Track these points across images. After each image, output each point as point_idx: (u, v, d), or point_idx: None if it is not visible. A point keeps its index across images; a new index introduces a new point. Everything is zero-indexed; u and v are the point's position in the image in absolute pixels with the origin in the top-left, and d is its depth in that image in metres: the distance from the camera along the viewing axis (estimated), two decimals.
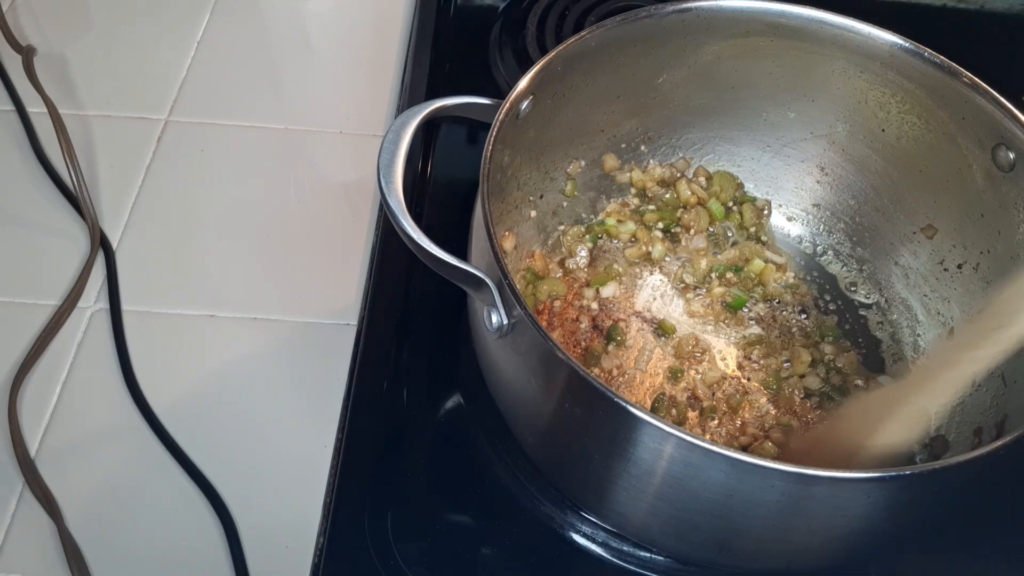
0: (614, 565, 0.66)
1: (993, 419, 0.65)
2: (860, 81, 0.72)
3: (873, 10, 0.71)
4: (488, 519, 0.68)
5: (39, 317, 0.76)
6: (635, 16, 0.69)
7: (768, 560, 0.61)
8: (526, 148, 0.71)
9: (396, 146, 0.62)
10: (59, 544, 0.65)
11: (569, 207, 0.79)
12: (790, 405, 0.72)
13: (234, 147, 0.89)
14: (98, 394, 0.73)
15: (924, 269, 0.75)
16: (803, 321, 0.77)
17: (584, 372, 0.52)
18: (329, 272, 0.81)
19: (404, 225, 0.59)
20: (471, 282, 0.58)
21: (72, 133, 0.84)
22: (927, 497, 0.54)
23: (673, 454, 0.52)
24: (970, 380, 0.64)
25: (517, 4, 1.00)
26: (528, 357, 0.58)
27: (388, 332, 0.76)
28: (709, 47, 0.73)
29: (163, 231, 0.82)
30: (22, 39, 0.93)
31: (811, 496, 0.52)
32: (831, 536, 0.56)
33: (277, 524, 0.67)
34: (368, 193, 0.86)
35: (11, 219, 0.82)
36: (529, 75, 0.65)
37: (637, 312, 0.76)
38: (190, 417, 0.72)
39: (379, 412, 0.72)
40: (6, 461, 0.69)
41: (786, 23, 0.71)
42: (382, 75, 0.96)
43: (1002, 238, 0.68)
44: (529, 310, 0.54)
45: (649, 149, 0.80)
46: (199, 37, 0.97)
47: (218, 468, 0.69)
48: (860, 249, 0.80)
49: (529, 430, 0.65)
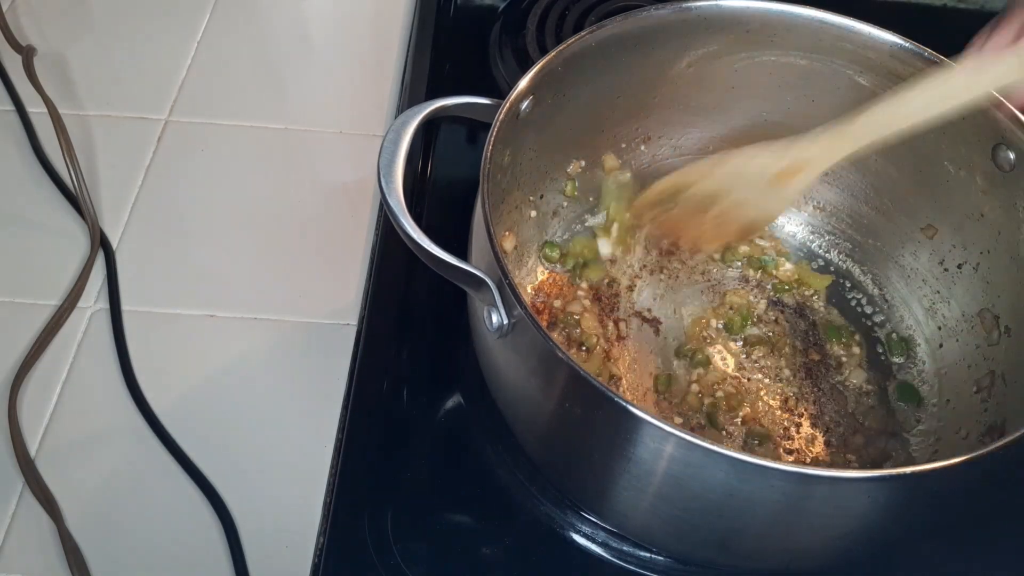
0: (614, 565, 0.67)
1: (993, 420, 0.65)
2: (861, 81, 0.72)
3: (873, 10, 0.71)
4: (488, 519, 0.68)
5: (39, 317, 0.76)
6: (636, 16, 0.69)
7: (768, 560, 0.61)
8: (526, 148, 0.71)
9: (396, 146, 0.62)
10: (59, 544, 0.65)
11: (569, 207, 0.79)
12: (790, 405, 0.72)
13: (234, 147, 0.89)
14: (98, 394, 0.73)
15: (924, 269, 0.75)
16: (803, 321, 0.77)
17: (584, 372, 0.52)
18: (329, 272, 0.81)
19: (404, 225, 0.59)
20: (471, 282, 0.58)
21: (72, 133, 0.84)
22: (928, 497, 0.54)
23: (673, 454, 0.52)
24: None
25: (517, 4, 1.00)
26: (528, 357, 0.58)
27: (388, 332, 0.76)
28: (710, 47, 0.73)
29: (163, 231, 0.82)
30: (22, 39, 0.93)
31: (811, 496, 0.52)
32: (831, 536, 0.56)
33: (277, 524, 0.67)
34: (368, 193, 0.86)
35: (11, 219, 0.82)
36: (529, 75, 0.65)
37: (637, 312, 0.76)
38: (190, 417, 0.72)
39: (379, 412, 0.72)
40: (6, 461, 0.69)
41: (786, 23, 0.70)
42: (382, 75, 0.96)
43: (1002, 238, 0.68)
44: (529, 310, 0.54)
45: (649, 149, 0.80)
46: (199, 37, 0.97)
47: (218, 468, 0.69)
48: (860, 249, 0.80)
49: (529, 430, 0.65)
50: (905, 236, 0.76)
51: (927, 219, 0.74)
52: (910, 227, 0.76)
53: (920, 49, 0.68)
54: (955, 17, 1.05)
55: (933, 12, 1.05)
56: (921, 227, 0.75)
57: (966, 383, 0.70)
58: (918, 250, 0.76)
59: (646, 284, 0.78)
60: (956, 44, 0.70)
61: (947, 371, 0.72)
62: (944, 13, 1.05)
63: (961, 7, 1.05)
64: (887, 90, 0.70)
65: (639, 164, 0.81)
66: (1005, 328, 0.68)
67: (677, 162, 0.81)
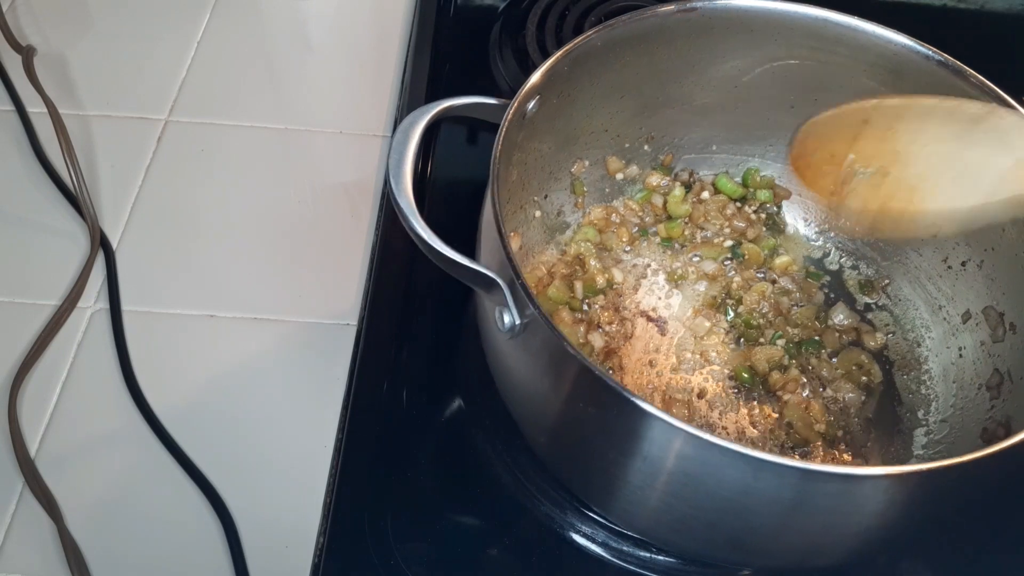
0: (614, 565, 0.67)
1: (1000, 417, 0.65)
2: (864, 80, 0.72)
3: (873, 10, 0.71)
4: (488, 519, 0.68)
5: (39, 317, 0.76)
6: (640, 16, 0.69)
7: (782, 557, 0.61)
8: (531, 148, 0.71)
9: (405, 147, 0.62)
10: (59, 544, 0.65)
11: (572, 207, 0.79)
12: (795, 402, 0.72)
13: (234, 147, 0.89)
14: (98, 394, 0.72)
15: (928, 267, 0.75)
16: (808, 320, 0.76)
17: (600, 372, 0.51)
18: (329, 272, 0.81)
19: (415, 226, 0.59)
20: (482, 283, 0.58)
21: (72, 133, 0.84)
22: (942, 493, 0.54)
23: (691, 453, 0.51)
24: None
25: (517, 4, 1.00)
26: (541, 357, 0.57)
27: (388, 332, 0.76)
28: (713, 47, 0.73)
29: (163, 231, 0.82)
30: (22, 39, 0.93)
31: (828, 493, 0.52)
32: (846, 533, 0.56)
33: (277, 524, 0.67)
34: (368, 193, 0.86)
35: (11, 219, 0.82)
36: (537, 74, 0.64)
37: (642, 311, 0.76)
38: (190, 417, 0.72)
39: (379, 412, 0.72)
40: (6, 461, 0.68)
41: (790, 23, 0.70)
42: (382, 75, 0.96)
43: (1006, 235, 0.68)
44: (543, 310, 0.54)
45: (652, 149, 0.80)
46: (199, 37, 0.97)
47: (218, 468, 0.69)
48: (865, 247, 0.80)
49: (540, 430, 0.64)
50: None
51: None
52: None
53: (925, 49, 0.68)
54: (955, 17, 1.05)
55: (933, 12, 1.05)
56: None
57: (972, 380, 0.70)
58: (922, 248, 0.76)
59: (651, 283, 0.78)
60: (956, 44, 0.69)
61: (953, 369, 0.72)
62: (944, 13, 1.05)
63: (961, 7, 1.05)
64: (891, 89, 0.70)
65: (643, 164, 0.81)
66: (1010, 325, 0.68)
67: (678, 162, 0.82)
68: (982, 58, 0.69)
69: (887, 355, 0.75)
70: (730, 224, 0.80)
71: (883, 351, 0.76)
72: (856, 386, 0.73)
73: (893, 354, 0.75)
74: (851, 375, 0.73)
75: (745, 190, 0.81)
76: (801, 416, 0.70)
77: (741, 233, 0.80)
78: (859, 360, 0.74)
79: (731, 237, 0.80)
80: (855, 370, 0.74)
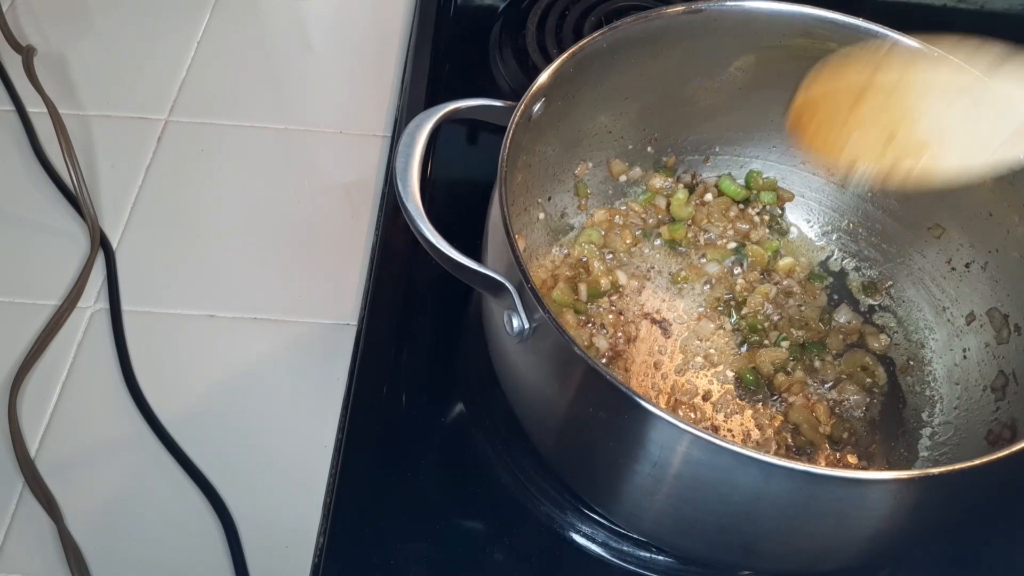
0: (614, 565, 0.67)
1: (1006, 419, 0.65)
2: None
3: (874, 10, 0.71)
4: (487, 519, 0.68)
5: (39, 317, 0.75)
6: (645, 17, 0.69)
7: (793, 561, 0.61)
8: (536, 150, 0.71)
9: (411, 149, 0.62)
10: (59, 544, 0.64)
11: (576, 209, 0.79)
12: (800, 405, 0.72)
13: (234, 147, 0.88)
14: (98, 394, 0.72)
15: (932, 268, 0.75)
16: (812, 321, 0.76)
17: (612, 377, 0.51)
18: (329, 272, 0.80)
19: (423, 229, 0.58)
20: (490, 286, 0.58)
21: (72, 133, 0.84)
22: (949, 497, 0.54)
23: (699, 456, 0.51)
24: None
25: (517, 4, 1.00)
26: (550, 361, 0.57)
27: (388, 332, 0.76)
28: (719, 48, 0.73)
29: (163, 231, 0.82)
30: (22, 39, 0.93)
31: (836, 497, 0.52)
32: (857, 537, 0.56)
33: (277, 524, 0.67)
34: (368, 193, 0.86)
35: (11, 219, 0.82)
36: (544, 76, 0.64)
37: (646, 314, 0.76)
38: (190, 417, 0.71)
39: (379, 412, 0.72)
40: (6, 461, 0.68)
41: (793, 23, 0.70)
42: (382, 75, 0.96)
43: (1010, 237, 0.68)
44: (552, 313, 0.53)
45: (656, 151, 0.80)
46: (199, 37, 0.97)
47: (218, 468, 0.69)
48: (868, 249, 0.80)
49: (547, 433, 0.64)
50: (913, 236, 0.76)
51: (934, 218, 0.74)
52: (917, 227, 0.76)
53: (930, 49, 0.68)
54: (955, 17, 1.05)
55: (933, 12, 1.06)
56: (928, 226, 0.75)
57: (977, 382, 0.70)
58: (925, 249, 0.76)
59: (655, 286, 0.78)
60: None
61: (957, 370, 0.72)
62: (944, 13, 1.05)
63: (961, 7, 1.05)
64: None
65: (646, 166, 0.81)
66: (1015, 327, 0.68)
67: (681, 164, 0.81)
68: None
69: (891, 357, 0.75)
70: (733, 226, 0.80)
71: (887, 353, 0.75)
72: (860, 388, 0.73)
73: (897, 356, 0.75)
74: (855, 377, 0.73)
75: (748, 192, 0.81)
76: (806, 418, 0.70)
77: (744, 235, 0.80)
78: (863, 362, 0.74)
79: (734, 239, 0.80)
80: (859, 372, 0.74)
